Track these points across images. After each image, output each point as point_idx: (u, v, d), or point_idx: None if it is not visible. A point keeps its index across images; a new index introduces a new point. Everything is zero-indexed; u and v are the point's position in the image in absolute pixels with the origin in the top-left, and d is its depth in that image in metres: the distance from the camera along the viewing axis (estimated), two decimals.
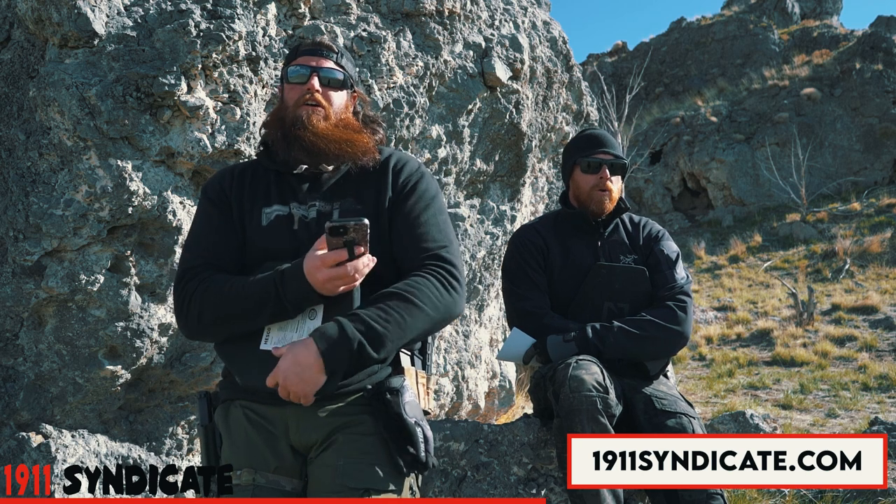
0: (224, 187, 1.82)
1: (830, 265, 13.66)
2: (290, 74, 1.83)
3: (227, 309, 1.64)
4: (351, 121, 1.83)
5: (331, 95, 1.81)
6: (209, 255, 1.73)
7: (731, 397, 7.66)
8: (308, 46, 1.86)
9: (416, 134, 3.54)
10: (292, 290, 1.59)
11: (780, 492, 3.45)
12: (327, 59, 1.83)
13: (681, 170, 19.73)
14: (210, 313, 1.65)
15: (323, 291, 1.58)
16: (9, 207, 2.53)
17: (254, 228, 1.75)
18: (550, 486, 2.43)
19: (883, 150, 18.85)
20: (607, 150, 2.56)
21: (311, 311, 1.63)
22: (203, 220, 1.80)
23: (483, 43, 3.87)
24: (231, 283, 1.66)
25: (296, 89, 1.81)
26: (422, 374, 1.78)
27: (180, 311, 1.70)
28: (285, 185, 1.79)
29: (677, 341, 2.43)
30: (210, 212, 1.80)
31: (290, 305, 1.60)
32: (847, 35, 22.49)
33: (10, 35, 2.72)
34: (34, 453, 2.36)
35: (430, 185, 1.82)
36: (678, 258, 2.58)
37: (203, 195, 1.84)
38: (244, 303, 1.62)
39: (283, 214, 1.75)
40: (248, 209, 1.77)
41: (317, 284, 1.56)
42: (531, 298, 2.50)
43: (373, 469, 1.56)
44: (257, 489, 1.59)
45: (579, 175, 2.58)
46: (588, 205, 2.56)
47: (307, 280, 1.56)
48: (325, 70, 1.82)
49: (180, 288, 1.71)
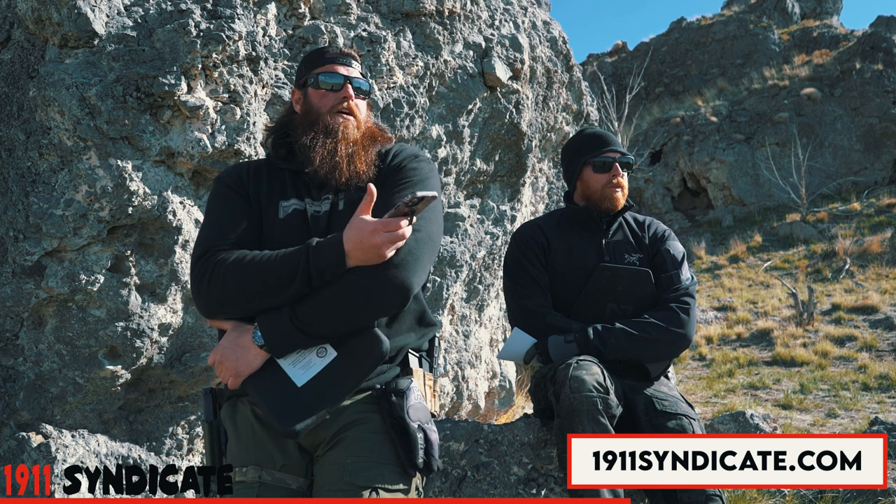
0: (242, 178, 1.83)
1: (830, 265, 13.66)
2: (321, 80, 1.84)
3: (251, 280, 1.61)
4: (373, 128, 1.87)
5: (359, 104, 1.85)
6: (231, 234, 1.72)
7: (731, 397, 7.66)
8: (335, 54, 1.88)
9: (416, 134, 3.54)
10: (325, 257, 1.57)
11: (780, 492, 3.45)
12: (354, 68, 1.88)
13: (681, 170, 19.73)
14: (234, 286, 1.61)
15: (370, 256, 1.55)
16: (9, 207, 2.53)
17: (271, 221, 1.76)
18: (550, 486, 2.43)
19: (883, 150, 18.85)
20: (616, 149, 2.61)
21: (321, 350, 1.62)
22: (222, 204, 1.79)
23: (483, 43, 3.87)
24: (258, 254, 1.64)
25: (329, 96, 1.83)
26: (429, 377, 1.79)
27: (200, 283, 1.66)
28: (299, 181, 1.81)
29: (679, 344, 2.42)
30: (229, 196, 1.80)
31: (316, 273, 1.57)
32: (847, 35, 22.48)
33: (10, 35, 2.72)
34: (34, 453, 2.36)
35: (422, 168, 1.82)
36: (684, 258, 2.57)
37: (219, 183, 1.84)
38: (270, 274, 1.59)
39: (300, 209, 1.77)
40: (265, 203, 1.78)
41: (367, 248, 1.54)
42: (533, 297, 2.50)
43: (381, 467, 1.57)
44: (263, 487, 1.60)
45: (591, 175, 2.60)
46: (602, 202, 2.58)
47: (343, 247, 1.55)
48: (356, 80, 1.86)
49: (202, 262, 1.66)
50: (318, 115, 1.81)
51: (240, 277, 1.61)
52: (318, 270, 1.57)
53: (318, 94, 1.84)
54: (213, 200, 1.82)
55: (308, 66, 1.88)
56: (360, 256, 1.56)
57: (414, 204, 1.55)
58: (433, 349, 1.85)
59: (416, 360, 1.76)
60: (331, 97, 1.82)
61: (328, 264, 1.57)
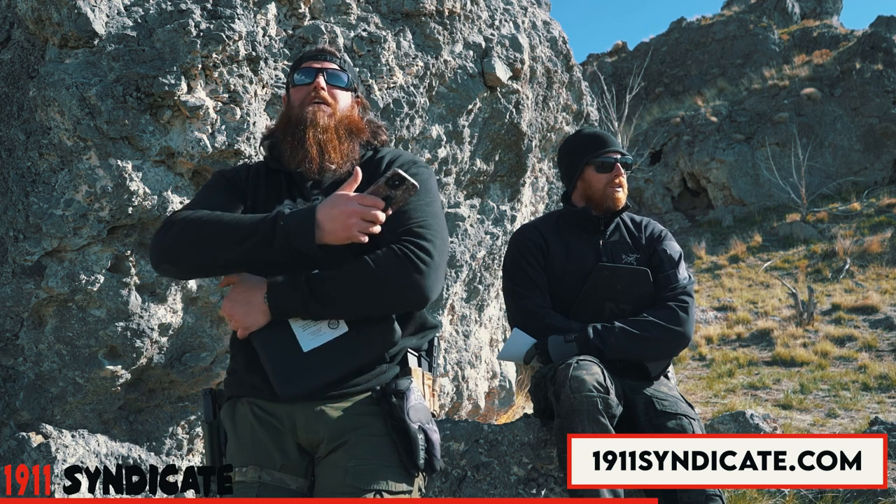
0: (240, 177, 1.85)
1: (830, 265, 13.66)
2: (296, 79, 1.87)
3: (206, 231, 1.60)
4: (354, 120, 1.85)
5: (336, 94, 1.85)
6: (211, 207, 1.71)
7: (731, 397, 7.67)
8: (312, 53, 1.92)
9: (416, 134, 3.54)
10: (294, 219, 1.55)
11: (780, 492, 3.45)
12: (331, 62, 1.88)
13: (681, 170, 19.73)
14: (189, 235, 1.61)
15: (337, 230, 1.54)
16: (9, 207, 2.53)
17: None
18: (550, 486, 2.43)
19: (883, 150, 18.85)
20: (617, 149, 2.64)
21: (334, 321, 1.62)
22: (210, 189, 1.81)
23: (483, 43, 3.87)
24: (228, 214, 1.64)
25: (301, 90, 1.85)
26: (428, 376, 1.79)
27: (158, 233, 1.66)
28: (293, 183, 1.82)
29: (679, 342, 2.43)
30: (220, 185, 1.82)
31: (281, 240, 1.55)
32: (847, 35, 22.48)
33: (10, 35, 2.72)
34: (34, 453, 2.36)
35: (422, 173, 1.80)
36: (681, 258, 2.59)
37: (216, 175, 1.87)
38: (229, 228, 1.58)
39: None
40: (261, 205, 1.79)
41: (338, 217, 1.53)
42: (532, 298, 2.51)
43: (384, 470, 1.57)
44: (262, 487, 1.60)
45: (593, 175, 2.61)
46: (603, 202, 2.60)
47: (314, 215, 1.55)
48: (330, 70, 1.86)
49: (166, 220, 1.67)
50: (292, 109, 1.84)
51: (196, 228, 1.61)
52: (283, 231, 1.55)
53: (295, 92, 1.87)
54: (203, 187, 1.85)
55: (291, 70, 1.93)
56: (329, 227, 1.54)
57: (394, 184, 1.53)
58: (432, 349, 1.85)
59: (416, 359, 1.76)
60: (303, 90, 1.85)
61: (296, 228, 1.55)
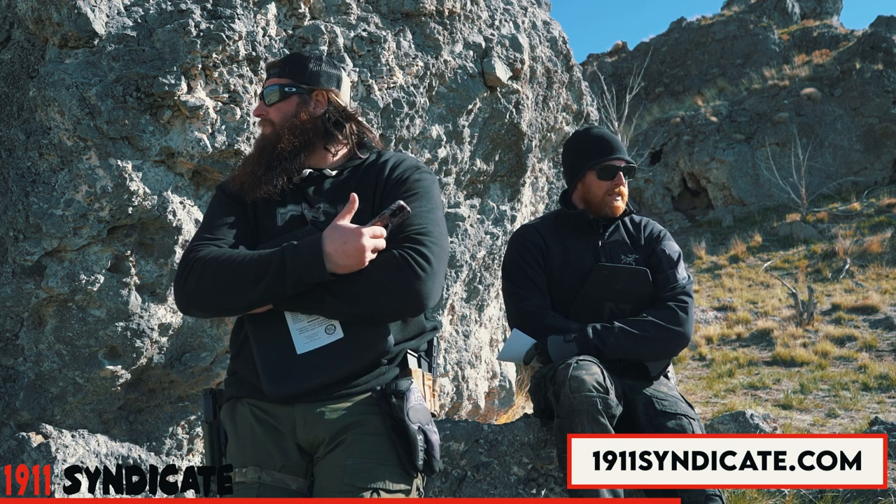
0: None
1: (830, 265, 13.66)
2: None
3: (223, 276, 1.61)
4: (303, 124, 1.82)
5: (273, 110, 1.86)
6: (223, 234, 1.74)
7: (731, 397, 7.67)
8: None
9: (416, 134, 3.54)
10: (302, 256, 1.57)
11: (780, 492, 3.45)
12: (270, 77, 1.90)
13: (681, 170, 19.73)
14: (207, 281, 1.62)
15: (352, 265, 1.57)
16: (9, 207, 2.53)
17: (270, 228, 1.77)
18: (550, 486, 2.43)
19: (883, 150, 18.85)
20: (621, 157, 2.61)
21: (331, 327, 1.64)
22: (217, 208, 1.82)
23: (483, 43, 3.87)
24: (236, 252, 1.66)
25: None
26: (428, 377, 1.79)
27: (179, 277, 1.68)
28: (294, 187, 1.81)
29: (678, 342, 2.43)
30: (225, 201, 1.83)
31: (292, 277, 1.57)
32: (847, 35, 22.48)
33: (10, 35, 2.72)
34: (34, 453, 2.36)
35: (425, 180, 1.80)
36: (680, 258, 2.58)
37: (219, 190, 1.88)
38: (243, 270, 1.60)
39: (297, 215, 1.77)
40: (262, 211, 1.79)
41: (352, 252, 1.56)
42: (532, 298, 2.50)
43: (381, 469, 1.57)
44: (262, 487, 1.60)
45: (594, 180, 2.59)
46: (601, 208, 2.58)
47: (321, 247, 1.56)
48: (266, 90, 1.88)
49: (183, 259, 1.70)
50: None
51: (213, 273, 1.62)
52: (293, 269, 1.57)
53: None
54: (210, 207, 1.86)
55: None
56: (344, 262, 1.57)
57: (397, 213, 1.61)
58: (432, 349, 1.85)
59: (415, 360, 1.76)
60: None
61: (305, 264, 1.57)
